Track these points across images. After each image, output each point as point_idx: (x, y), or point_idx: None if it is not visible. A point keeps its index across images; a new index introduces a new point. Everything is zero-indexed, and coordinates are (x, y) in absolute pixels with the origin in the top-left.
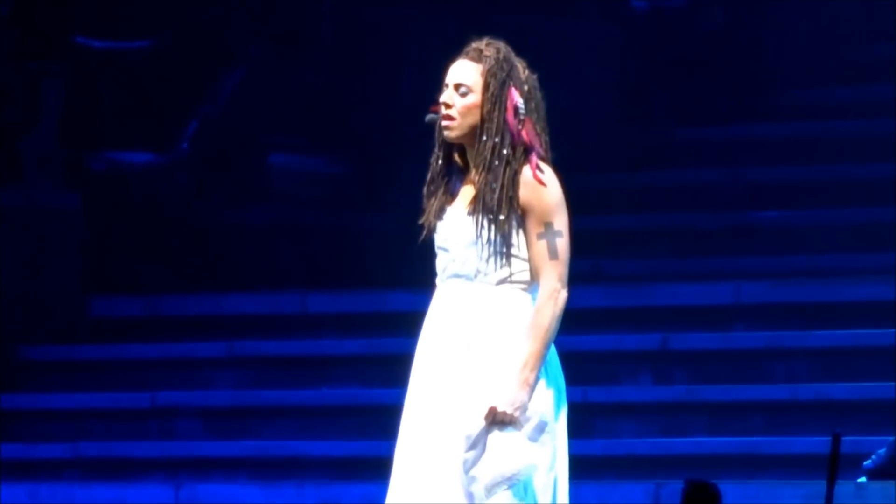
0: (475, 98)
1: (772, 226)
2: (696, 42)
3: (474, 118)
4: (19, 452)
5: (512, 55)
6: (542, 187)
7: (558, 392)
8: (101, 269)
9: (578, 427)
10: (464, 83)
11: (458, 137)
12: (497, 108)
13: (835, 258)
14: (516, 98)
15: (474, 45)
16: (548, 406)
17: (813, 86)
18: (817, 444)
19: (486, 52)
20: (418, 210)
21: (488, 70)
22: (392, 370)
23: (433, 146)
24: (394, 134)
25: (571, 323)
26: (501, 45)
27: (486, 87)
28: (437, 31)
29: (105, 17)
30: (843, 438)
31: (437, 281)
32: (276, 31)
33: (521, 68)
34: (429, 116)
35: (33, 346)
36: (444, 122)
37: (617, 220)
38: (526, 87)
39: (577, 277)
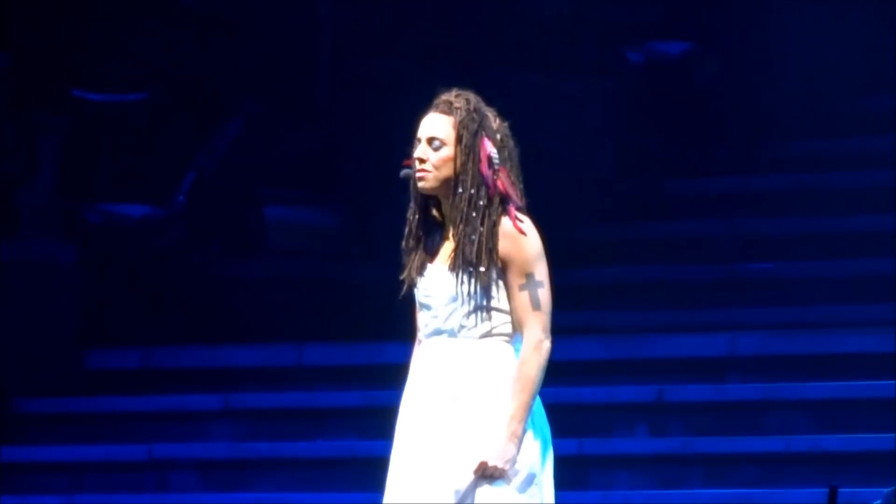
0: (448, 151)
1: (767, 277)
2: (692, 94)
3: (448, 171)
4: None
5: (482, 105)
6: (523, 237)
7: (544, 442)
8: (97, 322)
9: (573, 479)
10: (436, 136)
11: (432, 189)
12: (471, 159)
13: (830, 310)
14: (489, 148)
15: (444, 97)
16: (535, 458)
17: (808, 138)
18: (813, 496)
19: (457, 104)
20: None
21: (460, 122)
22: (388, 422)
23: (408, 201)
24: (389, 187)
25: (567, 375)
26: (471, 95)
27: (458, 139)
28: (433, 85)
29: (102, 70)
30: (840, 490)
31: (420, 336)
32: (272, 84)
33: (493, 117)
34: (403, 172)
35: (29, 398)
36: (419, 175)
37: (612, 272)
38: (498, 136)
39: (572, 329)
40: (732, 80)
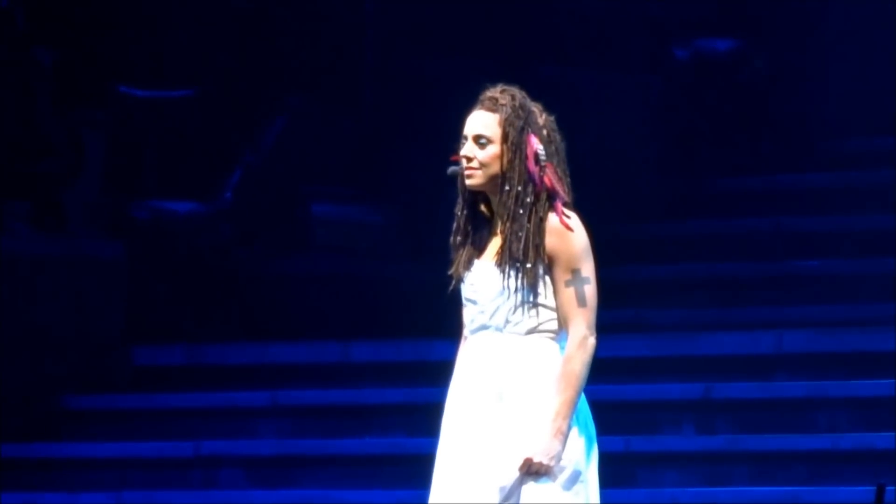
0: (495, 149)
1: (813, 275)
2: (738, 92)
3: (496, 168)
4: (62, 501)
5: (528, 100)
6: (570, 233)
7: (589, 440)
8: (143, 318)
9: (621, 476)
10: (483, 134)
11: (480, 186)
12: (517, 156)
13: (878, 307)
14: (536, 144)
15: (489, 94)
16: (581, 455)
17: (854, 135)
18: (861, 494)
19: (502, 101)
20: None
21: (506, 119)
22: (435, 419)
23: (456, 197)
24: (435, 183)
25: (613, 372)
26: (516, 91)
27: (504, 136)
28: (479, 81)
29: (148, 66)
30: (887, 488)
31: (466, 332)
32: (318, 80)
33: (538, 112)
34: (451, 169)
35: (76, 394)
36: (467, 172)
37: (659, 269)
38: (545, 132)
39: (619, 327)
40: (779, 78)
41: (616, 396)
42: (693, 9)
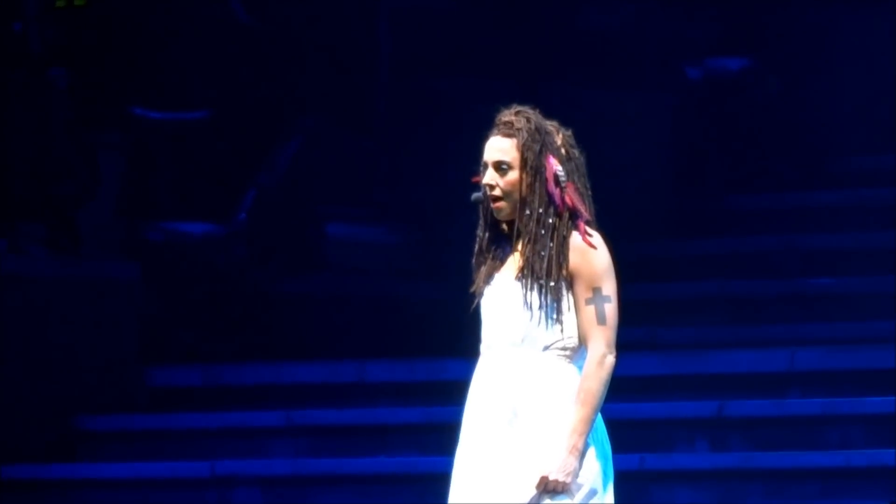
0: (515, 174)
1: (826, 293)
2: (751, 110)
3: (518, 193)
4: None
5: (543, 120)
6: (592, 251)
7: (605, 459)
8: (159, 339)
9: (634, 494)
10: (503, 161)
11: (508, 215)
12: (537, 179)
13: (890, 325)
14: (555, 165)
15: (504, 118)
16: (597, 473)
17: (867, 153)
18: None
19: (517, 125)
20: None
21: (523, 144)
22: (450, 438)
23: (478, 219)
24: (450, 203)
25: (627, 390)
26: (531, 112)
27: (523, 161)
28: (493, 102)
29: (162, 87)
30: None
31: (482, 348)
32: (332, 101)
33: (555, 131)
34: (475, 196)
35: (92, 415)
36: (496, 206)
37: (672, 287)
38: (563, 151)
39: (632, 345)
40: (791, 96)
41: (630, 414)
42: (705, 28)
